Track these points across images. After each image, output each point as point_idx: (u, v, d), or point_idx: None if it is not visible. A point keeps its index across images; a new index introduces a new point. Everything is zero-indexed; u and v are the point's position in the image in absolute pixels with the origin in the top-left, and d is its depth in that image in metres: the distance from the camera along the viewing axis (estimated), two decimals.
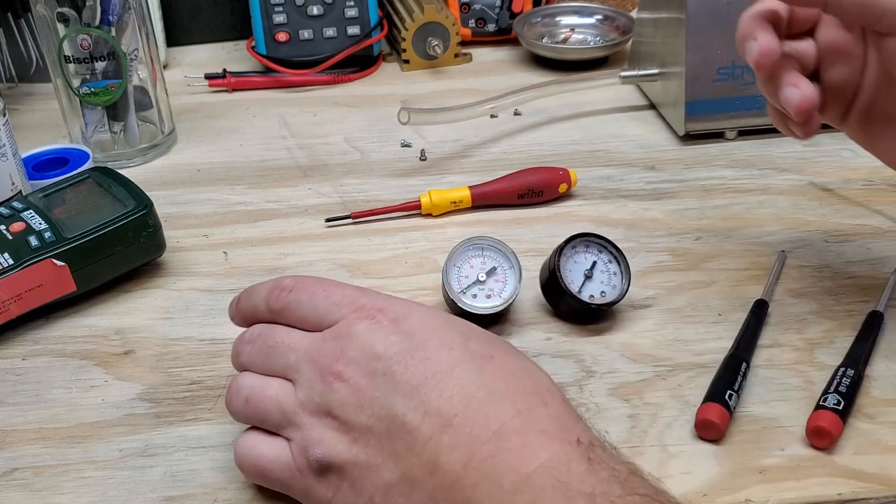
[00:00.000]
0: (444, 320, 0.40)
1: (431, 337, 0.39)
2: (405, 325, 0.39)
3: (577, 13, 0.95)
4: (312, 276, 0.43)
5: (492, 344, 0.40)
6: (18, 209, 0.58)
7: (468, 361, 0.38)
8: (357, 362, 0.39)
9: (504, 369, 0.39)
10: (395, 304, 0.41)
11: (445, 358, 0.38)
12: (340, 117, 0.82)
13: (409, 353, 0.38)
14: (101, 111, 0.74)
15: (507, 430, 0.36)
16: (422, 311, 0.41)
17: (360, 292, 0.42)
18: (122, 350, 0.54)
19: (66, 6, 0.69)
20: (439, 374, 0.38)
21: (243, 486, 0.44)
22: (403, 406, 0.37)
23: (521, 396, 0.37)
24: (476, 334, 0.40)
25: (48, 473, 0.45)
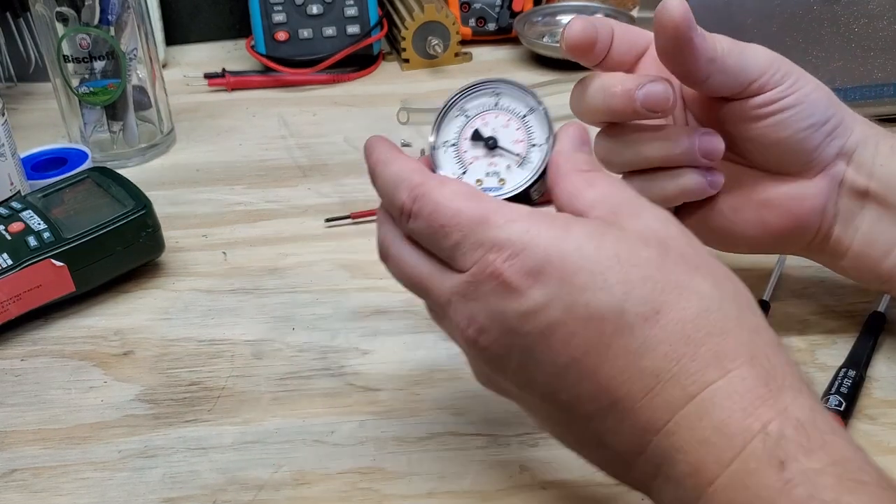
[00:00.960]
0: (590, 266, 0.32)
1: (576, 301, 0.32)
2: (539, 285, 0.32)
3: (578, 12, 0.95)
4: (431, 188, 0.35)
5: (656, 288, 0.32)
6: (17, 209, 0.58)
7: (625, 334, 0.31)
8: (489, 332, 0.34)
9: (673, 331, 0.31)
10: (530, 245, 0.33)
11: (595, 332, 0.32)
12: (340, 117, 0.82)
13: (550, 329, 0.32)
14: (99, 111, 0.74)
15: (677, 427, 0.31)
16: (562, 254, 0.32)
17: (483, 227, 0.34)
18: (121, 351, 0.54)
19: (65, 5, 0.69)
20: (589, 354, 0.32)
21: (242, 488, 0.44)
22: (553, 384, 0.33)
23: (695, 370, 0.31)
24: (638, 280, 0.32)
25: (47, 474, 0.45)
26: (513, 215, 0.34)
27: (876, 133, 0.46)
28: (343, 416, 0.48)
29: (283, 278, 0.59)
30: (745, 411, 0.30)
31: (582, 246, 0.32)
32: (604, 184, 0.36)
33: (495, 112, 0.40)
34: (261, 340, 0.54)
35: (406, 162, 0.38)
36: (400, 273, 0.38)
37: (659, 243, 0.33)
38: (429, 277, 0.36)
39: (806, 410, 0.31)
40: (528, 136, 0.39)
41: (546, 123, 0.39)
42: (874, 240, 0.46)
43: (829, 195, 0.46)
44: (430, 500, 0.43)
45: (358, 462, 0.45)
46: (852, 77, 0.71)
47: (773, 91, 0.44)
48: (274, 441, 0.47)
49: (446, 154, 0.40)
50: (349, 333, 0.54)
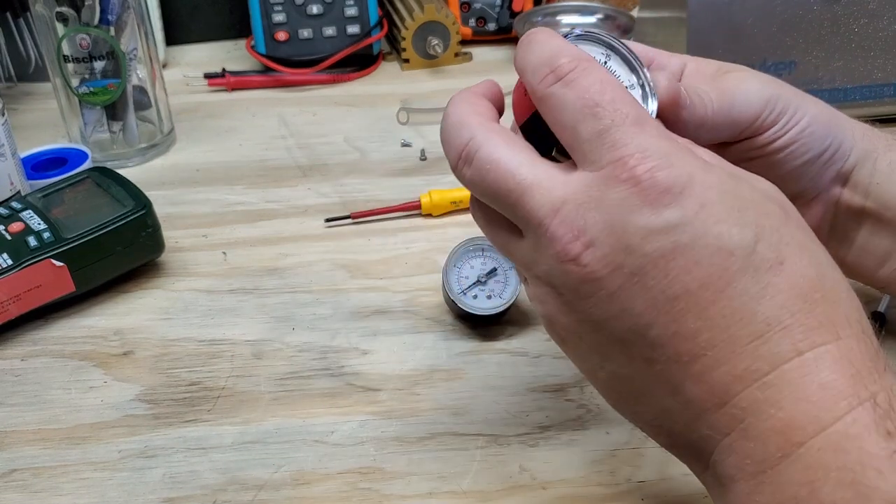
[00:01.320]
0: (729, 201, 0.31)
1: (709, 230, 0.30)
2: (676, 205, 0.30)
3: (578, 12, 0.95)
4: (597, 66, 0.33)
5: (783, 241, 0.31)
6: (17, 209, 0.58)
7: (749, 274, 0.30)
8: (601, 247, 0.31)
9: (794, 284, 0.31)
10: (676, 164, 0.31)
11: (719, 266, 0.30)
12: (340, 117, 0.82)
13: (673, 253, 0.30)
14: (99, 111, 0.74)
15: (778, 380, 0.30)
16: (705, 180, 0.31)
17: (637, 128, 0.32)
18: (121, 351, 0.54)
19: (65, 5, 0.69)
20: (705, 287, 0.30)
21: (242, 488, 0.44)
22: (649, 316, 0.31)
23: (809, 327, 0.30)
24: (768, 227, 0.31)
25: (47, 475, 0.45)
26: (667, 134, 0.32)
27: (874, 148, 0.45)
28: (343, 416, 0.48)
29: (283, 278, 0.59)
30: (854, 378, 0.29)
31: (724, 182, 0.31)
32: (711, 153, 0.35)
33: None
34: (261, 340, 0.54)
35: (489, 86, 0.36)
36: (492, 176, 0.34)
37: (781, 205, 0.33)
38: (534, 181, 0.33)
39: None
40: None
41: (645, 102, 0.36)
42: (869, 252, 0.46)
43: (822, 218, 0.46)
44: (430, 500, 0.43)
45: (358, 462, 0.45)
46: (852, 77, 0.71)
47: (766, 133, 0.42)
48: (274, 441, 0.47)
49: None
50: (349, 333, 0.54)
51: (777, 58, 0.70)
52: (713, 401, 0.31)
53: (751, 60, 0.70)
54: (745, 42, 0.70)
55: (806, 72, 0.71)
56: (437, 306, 0.56)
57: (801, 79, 0.71)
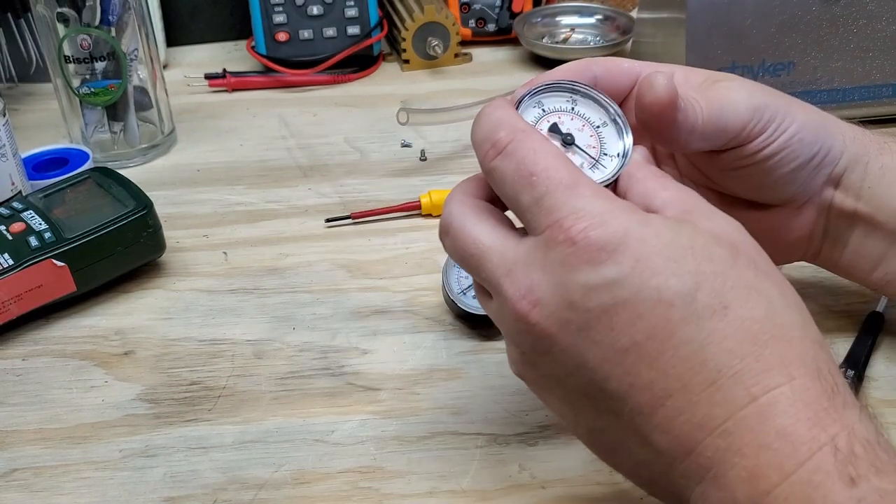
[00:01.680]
0: (666, 253, 0.32)
1: (647, 283, 0.31)
2: (611, 262, 0.31)
3: (578, 13, 0.95)
4: (532, 136, 0.35)
5: (726, 285, 0.31)
6: (18, 209, 0.58)
7: (692, 322, 0.31)
8: (547, 305, 0.32)
9: (740, 328, 0.31)
10: (609, 222, 0.32)
11: (661, 317, 0.31)
12: (340, 117, 0.82)
13: (615, 308, 0.31)
14: (100, 111, 0.74)
15: (736, 427, 0.30)
16: (640, 235, 0.32)
17: (570, 192, 0.33)
18: (122, 350, 0.54)
19: (66, 6, 0.69)
20: (651, 339, 0.31)
21: (243, 487, 0.44)
22: (604, 370, 0.32)
23: (759, 370, 0.30)
24: (710, 273, 0.31)
25: (48, 474, 0.45)
26: (601, 193, 0.33)
27: (865, 152, 0.45)
28: (343, 415, 0.48)
29: (284, 278, 0.60)
30: (811, 421, 0.29)
31: (660, 233, 0.32)
32: (676, 187, 0.35)
33: (571, 115, 0.39)
34: (261, 340, 0.54)
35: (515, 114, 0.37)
36: (460, 243, 0.36)
37: (731, 245, 0.33)
38: (491, 246, 0.35)
39: (872, 431, 0.30)
40: (600, 144, 0.38)
41: (621, 136, 0.38)
42: (862, 255, 0.47)
43: (815, 221, 0.46)
44: (430, 500, 0.43)
45: (358, 462, 0.45)
46: (852, 77, 0.72)
47: (754, 142, 0.42)
48: (274, 440, 0.47)
49: None
50: (349, 333, 0.54)
51: (776, 58, 0.70)
52: (680, 450, 0.31)
53: (749, 61, 0.70)
54: (743, 43, 0.70)
55: (804, 72, 0.71)
56: (437, 306, 0.56)
57: (799, 79, 0.71)
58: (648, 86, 0.38)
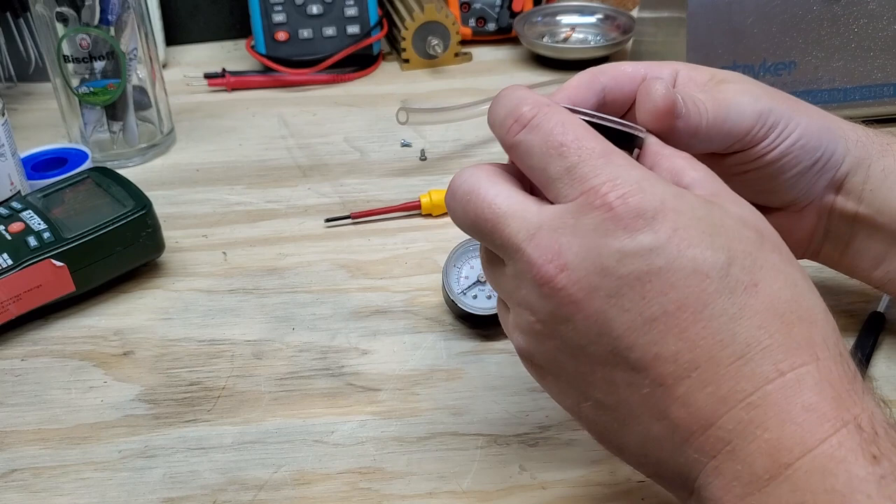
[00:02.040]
0: (701, 226, 0.31)
1: (683, 253, 0.31)
2: (649, 229, 0.31)
3: (578, 12, 0.95)
4: (557, 109, 0.34)
5: (756, 264, 0.32)
6: (17, 209, 0.58)
7: (725, 295, 0.31)
8: (576, 270, 0.32)
9: (769, 306, 0.31)
10: (647, 190, 0.32)
11: (695, 288, 0.31)
12: (340, 117, 0.82)
13: (648, 276, 0.31)
14: (100, 111, 0.74)
15: (762, 401, 0.30)
16: (676, 206, 0.32)
17: (605, 160, 0.32)
18: (121, 351, 0.54)
19: (65, 5, 0.69)
20: (683, 309, 0.31)
21: (242, 488, 0.44)
22: (629, 339, 0.31)
23: (788, 348, 0.30)
24: (741, 251, 0.32)
25: (47, 475, 0.45)
26: (635, 164, 0.33)
27: (868, 155, 0.45)
28: (343, 416, 0.48)
29: (283, 278, 0.59)
30: (836, 400, 0.30)
31: (696, 207, 0.32)
32: (704, 169, 0.35)
33: None
34: (261, 340, 0.54)
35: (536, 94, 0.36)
36: (472, 206, 0.35)
37: (757, 229, 0.33)
38: (508, 209, 0.34)
39: (888, 417, 0.31)
40: None
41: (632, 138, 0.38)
42: (863, 255, 0.47)
43: (816, 224, 0.47)
44: (430, 500, 0.43)
45: (358, 462, 0.45)
46: (852, 77, 0.71)
47: (757, 147, 0.42)
48: (274, 441, 0.47)
49: None
50: (349, 333, 0.54)
51: (777, 58, 0.70)
52: (699, 423, 0.31)
53: (751, 60, 0.70)
54: (744, 42, 0.70)
55: (806, 72, 0.71)
56: (437, 306, 0.56)
57: (800, 79, 0.71)
58: (646, 94, 0.38)
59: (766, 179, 0.43)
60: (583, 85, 0.41)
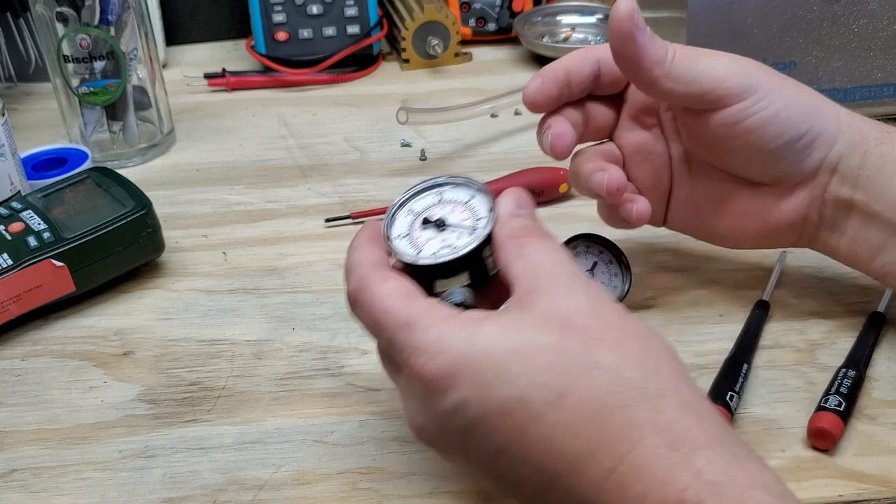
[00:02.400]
0: (496, 364, 0.34)
1: (487, 398, 0.33)
2: (454, 388, 0.34)
3: (578, 12, 0.95)
4: (374, 280, 0.38)
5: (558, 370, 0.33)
6: (17, 209, 0.58)
7: (537, 421, 0.33)
8: (428, 429, 0.36)
9: (580, 411, 0.33)
10: (445, 350, 0.34)
11: (509, 425, 0.33)
12: (340, 117, 0.82)
13: (472, 426, 0.34)
14: (100, 111, 0.74)
15: (607, 499, 0.32)
16: (471, 354, 0.34)
17: (408, 330, 0.35)
18: (121, 351, 0.54)
19: (65, 5, 0.69)
20: (511, 444, 0.34)
21: (242, 488, 0.44)
22: (494, 469, 0.35)
23: (607, 444, 0.32)
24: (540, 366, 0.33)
25: (47, 475, 0.45)
26: (432, 321, 0.35)
27: (864, 140, 0.45)
28: (343, 416, 0.48)
29: (283, 278, 0.59)
30: (661, 480, 0.31)
31: (488, 346, 0.34)
32: (530, 252, 0.37)
33: (440, 206, 0.42)
34: (261, 340, 0.54)
35: (366, 251, 0.40)
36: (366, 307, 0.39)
37: (562, 324, 0.34)
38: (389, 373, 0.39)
39: (721, 470, 0.31)
40: (473, 214, 0.41)
41: (489, 200, 0.41)
42: (861, 244, 0.47)
43: (809, 206, 0.47)
44: (430, 500, 0.43)
45: (358, 462, 0.45)
46: (852, 77, 0.71)
47: (734, 107, 0.44)
48: (274, 441, 0.47)
49: (401, 243, 0.41)
50: (349, 333, 0.54)
51: (777, 58, 0.70)
52: None
53: None
54: (744, 42, 0.70)
55: (806, 72, 0.71)
56: None
57: (800, 78, 0.70)
58: (613, 8, 0.42)
59: (751, 149, 0.45)
60: (579, 58, 0.47)
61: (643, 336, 0.35)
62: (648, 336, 0.35)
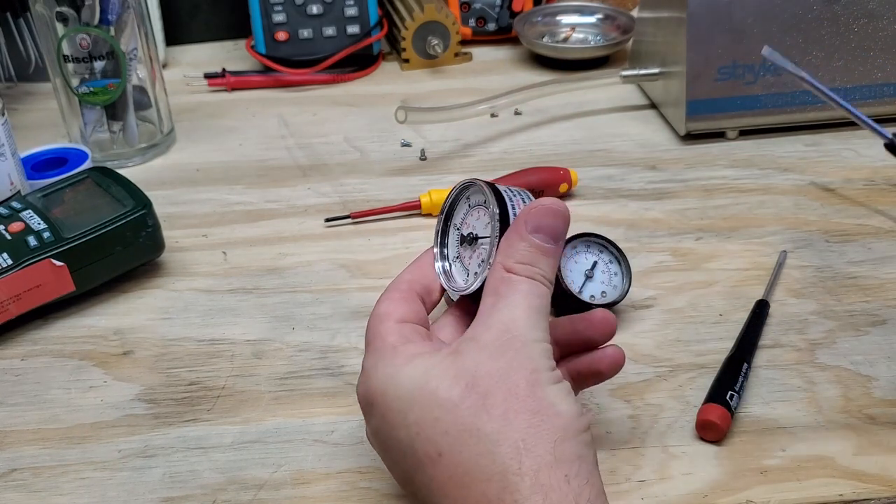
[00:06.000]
0: (400, 406, 0.36)
1: (389, 434, 0.37)
2: (370, 415, 0.38)
3: (578, 12, 0.95)
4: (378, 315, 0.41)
5: (441, 429, 0.35)
6: (17, 209, 0.58)
7: (419, 470, 0.36)
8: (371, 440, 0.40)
9: (452, 473, 0.35)
10: (370, 378, 0.38)
11: (404, 463, 0.37)
12: (340, 117, 0.82)
13: (383, 450, 0.39)
14: (99, 111, 0.74)
15: None
16: (383, 393, 0.37)
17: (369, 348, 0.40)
18: (120, 350, 0.54)
19: (65, 5, 0.69)
20: (408, 481, 0.37)
21: (242, 488, 0.44)
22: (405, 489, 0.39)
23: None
24: (428, 422, 0.35)
25: (47, 474, 0.45)
26: (378, 345, 0.39)
27: None
28: (343, 415, 0.48)
29: (283, 278, 0.59)
30: None
31: (401, 385, 0.36)
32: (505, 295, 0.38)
33: (470, 212, 0.43)
34: (261, 340, 0.54)
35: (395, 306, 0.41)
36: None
37: (468, 383, 0.35)
38: None
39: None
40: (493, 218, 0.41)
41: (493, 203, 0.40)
42: None
43: None
44: None
45: (358, 462, 0.45)
46: (852, 77, 0.71)
47: None
48: (274, 441, 0.47)
49: (456, 268, 0.43)
50: (349, 333, 0.54)
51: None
52: None
53: (751, 60, 0.70)
54: (744, 42, 0.70)
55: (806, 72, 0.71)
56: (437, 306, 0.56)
57: None
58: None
59: None
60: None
61: (541, 411, 0.35)
62: (547, 411, 0.35)
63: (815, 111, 0.72)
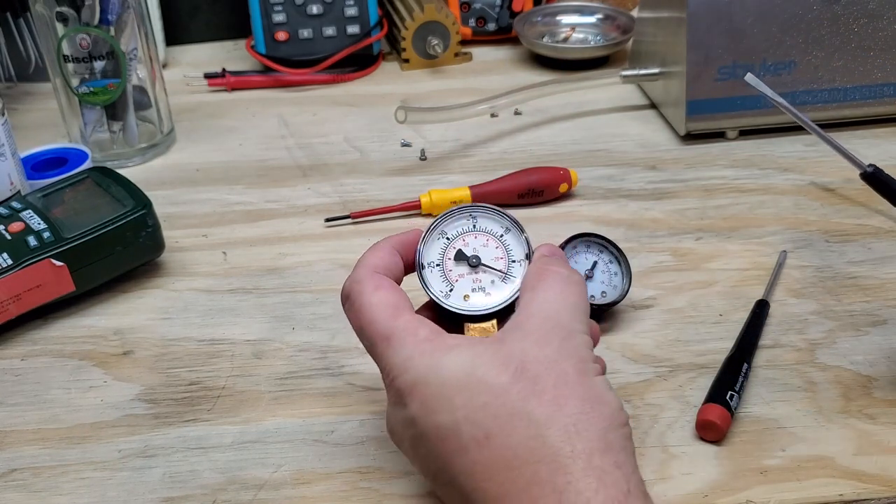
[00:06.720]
0: (444, 392, 0.36)
1: (428, 421, 0.36)
2: (405, 406, 0.37)
3: (578, 12, 0.95)
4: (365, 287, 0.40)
5: (491, 413, 0.35)
6: (17, 209, 0.58)
7: (462, 454, 0.35)
8: (396, 433, 0.40)
9: (499, 456, 0.35)
10: (408, 370, 0.37)
11: (441, 450, 0.36)
12: (340, 117, 0.82)
13: (418, 439, 0.37)
14: (99, 111, 0.74)
15: None
16: (426, 380, 0.37)
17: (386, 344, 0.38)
18: (120, 350, 0.54)
19: (65, 5, 0.69)
20: (443, 469, 0.36)
21: (242, 488, 0.44)
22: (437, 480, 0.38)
23: (514, 493, 0.34)
24: (475, 406, 0.36)
25: (47, 474, 0.45)
26: (408, 339, 0.38)
27: None
28: (343, 415, 0.48)
29: (283, 278, 0.59)
30: None
31: (444, 373, 0.37)
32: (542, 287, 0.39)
33: (474, 233, 0.43)
34: (261, 340, 0.54)
35: (378, 255, 0.42)
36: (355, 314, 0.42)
37: (517, 368, 0.36)
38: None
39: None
40: (507, 253, 0.42)
41: (523, 240, 0.42)
42: None
43: None
44: (430, 500, 0.43)
45: (358, 462, 0.45)
46: (852, 77, 0.71)
47: None
48: (274, 441, 0.47)
49: (433, 274, 0.42)
50: (349, 333, 0.54)
51: (777, 58, 0.70)
52: None
53: (751, 60, 0.70)
54: (744, 42, 0.70)
55: (806, 72, 0.71)
56: None
57: (800, 78, 0.71)
58: None
59: None
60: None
61: (590, 398, 0.36)
62: (596, 399, 0.36)
63: (815, 111, 0.72)
